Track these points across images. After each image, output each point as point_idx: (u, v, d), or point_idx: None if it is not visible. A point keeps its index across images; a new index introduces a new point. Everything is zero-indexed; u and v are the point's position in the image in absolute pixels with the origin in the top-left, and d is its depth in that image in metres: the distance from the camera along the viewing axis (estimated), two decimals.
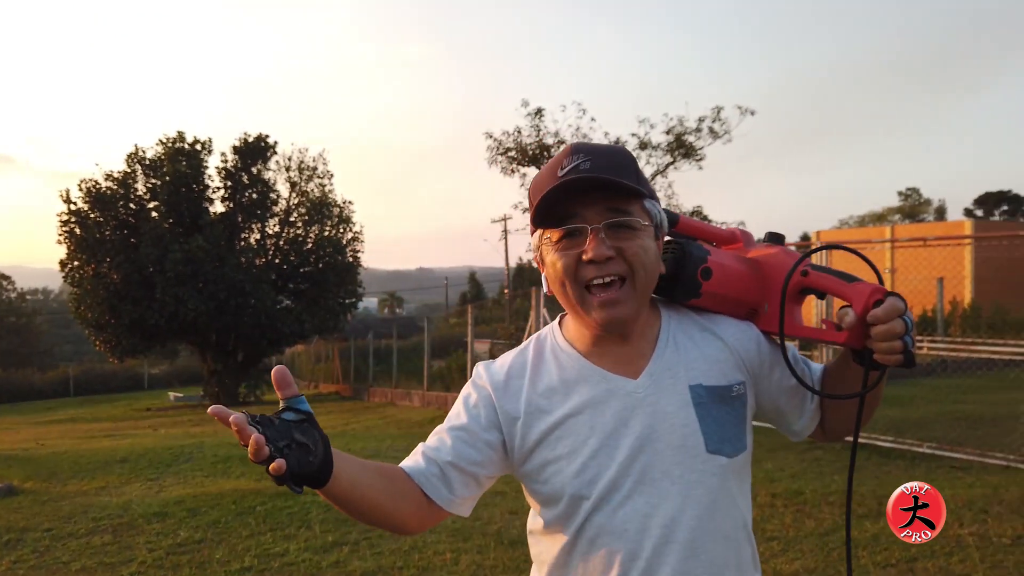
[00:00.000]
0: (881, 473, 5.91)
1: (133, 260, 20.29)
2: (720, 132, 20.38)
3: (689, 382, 1.18)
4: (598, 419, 1.16)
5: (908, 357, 1.08)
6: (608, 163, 1.13)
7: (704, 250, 1.22)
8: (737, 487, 1.20)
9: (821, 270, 1.18)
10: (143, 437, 12.34)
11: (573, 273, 1.14)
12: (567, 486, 1.16)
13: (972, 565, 3.75)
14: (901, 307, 1.07)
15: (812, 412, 1.28)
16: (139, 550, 4.88)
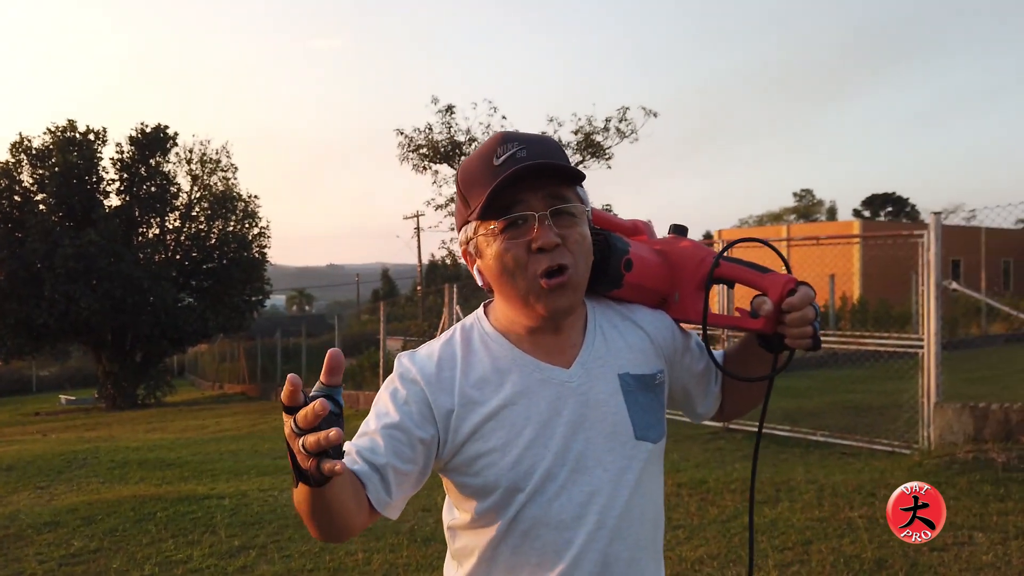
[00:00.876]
0: (778, 461, 6.19)
1: (18, 255, 19.09)
2: (626, 132, 20.83)
3: (618, 371, 1.20)
4: (532, 409, 1.16)
5: (816, 340, 1.16)
6: (543, 150, 1.13)
7: (625, 242, 1.24)
8: (657, 471, 1.25)
9: (733, 261, 1.25)
10: (31, 443, 11.62)
11: (524, 263, 1.12)
12: (502, 478, 1.14)
13: (862, 546, 3.98)
14: (812, 295, 1.15)
15: (716, 394, 1.34)
16: (28, 562, 4.60)
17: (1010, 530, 4.12)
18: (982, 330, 16.93)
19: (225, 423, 13.21)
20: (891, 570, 3.64)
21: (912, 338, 6.80)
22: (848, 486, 5.15)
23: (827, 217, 54.13)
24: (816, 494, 5.00)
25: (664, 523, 1.28)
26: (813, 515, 4.56)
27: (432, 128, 20.85)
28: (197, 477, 7.24)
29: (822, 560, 3.82)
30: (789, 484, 5.28)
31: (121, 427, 14.02)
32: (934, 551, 3.87)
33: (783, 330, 1.17)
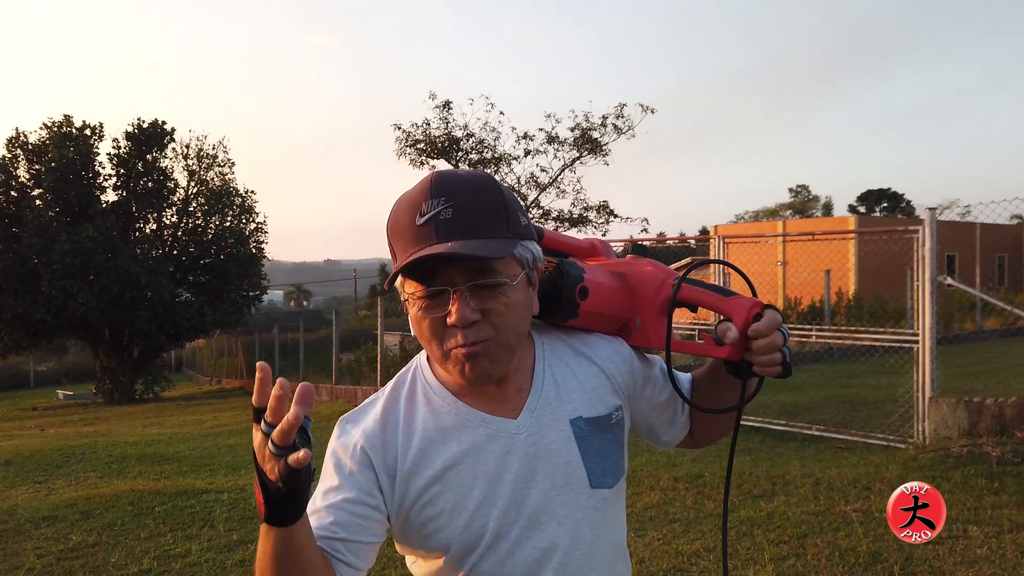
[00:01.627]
0: (775, 455, 6.23)
1: (15, 251, 19.02)
2: (624, 128, 20.84)
3: (569, 416, 1.13)
4: (480, 467, 1.09)
5: (786, 368, 1.09)
6: (472, 208, 1.02)
7: (579, 268, 1.17)
8: (616, 512, 1.19)
9: (696, 284, 1.17)
10: (29, 438, 11.63)
11: (440, 336, 1.05)
12: (453, 542, 1.10)
13: (857, 539, 4.01)
14: (779, 319, 1.08)
15: (683, 423, 1.28)
16: (27, 556, 4.62)
17: (1004, 523, 4.16)
18: (977, 325, 16.99)
19: (223, 418, 13.21)
20: (886, 564, 3.67)
21: (907, 333, 6.83)
22: (843, 480, 5.18)
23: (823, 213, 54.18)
24: (812, 488, 5.03)
25: (626, 556, 1.23)
26: (809, 509, 4.59)
27: (430, 123, 20.84)
28: (195, 472, 7.25)
29: (817, 554, 3.85)
30: (785, 478, 5.31)
31: (119, 422, 14.02)
32: (929, 545, 3.89)
33: (751, 357, 1.10)
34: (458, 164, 21.40)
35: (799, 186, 59.97)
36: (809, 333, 9.14)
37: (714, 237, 8.12)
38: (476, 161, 21.29)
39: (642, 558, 3.92)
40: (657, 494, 5.02)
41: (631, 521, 4.55)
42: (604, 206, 22.21)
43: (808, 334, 9.15)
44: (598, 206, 22.15)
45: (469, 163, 21.39)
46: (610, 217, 22.14)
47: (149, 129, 21.63)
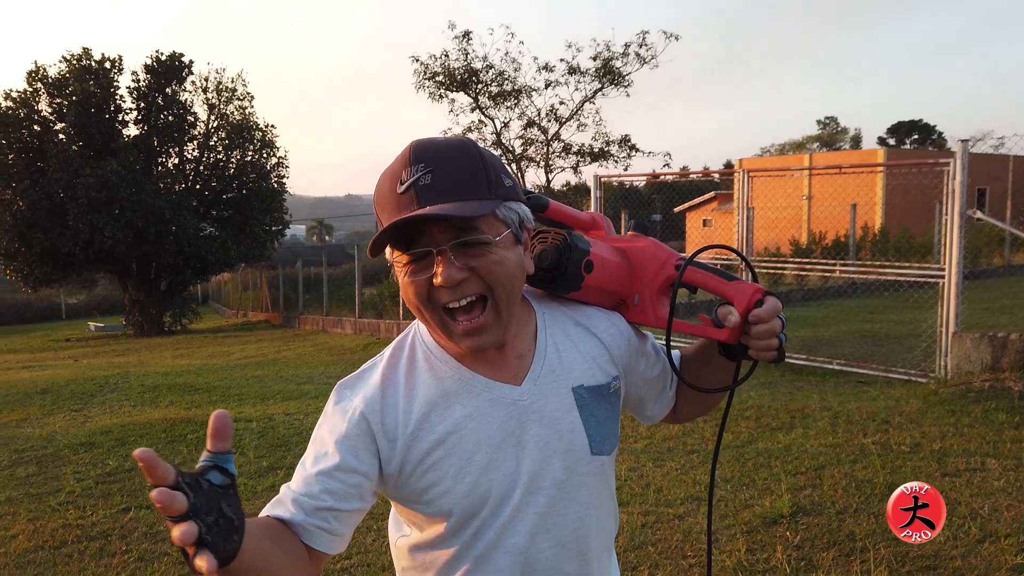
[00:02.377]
0: (794, 388, 6.26)
1: (41, 185, 19.22)
2: (647, 58, 20.36)
3: (572, 384, 1.15)
4: (483, 432, 1.09)
5: (781, 353, 1.11)
6: (451, 172, 1.02)
7: (586, 242, 1.18)
8: (612, 474, 1.22)
9: (698, 266, 1.17)
10: (64, 368, 11.98)
11: (427, 299, 1.05)
12: (456, 507, 1.09)
13: (874, 471, 4.06)
14: (779, 306, 1.10)
15: (670, 398, 1.30)
16: (67, 480, 4.82)
17: (1023, 457, 4.18)
18: (1005, 260, 16.72)
19: (250, 350, 13.48)
20: None
21: (933, 268, 6.75)
22: (863, 413, 5.22)
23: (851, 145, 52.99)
24: (830, 421, 5.08)
25: (615, 515, 1.25)
26: (827, 441, 4.64)
27: (448, 55, 20.49)
28: (224, 401, 7.46)
29: (834, 484, 3.91)
30: (804, 411, 5.36)
31: (149, 353, 14.37)
32: (946, 476, 3.94)
33: (747, 341, 1.12)
34: (477, 97, 21.07)
35: (827, 118, 58.67)
36: (833, 268, 9.06)
37: (738, 171, 7.99)
38: (495, 94, 20.95)
39: (660, 487, 4.01)
40: (676, 426, 5.09)
41: (650, 452, 4.63)
42: (626, 140, 21.88)
43: (832, 269, 9.08)
44: (620, 140, 21.82)
45: (488, 96, 21.05)
46: (632, 151, 21.83)
47: (167, 62, 21.48)
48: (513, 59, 20.95)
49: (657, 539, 3.41)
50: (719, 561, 3.17)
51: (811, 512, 3.59)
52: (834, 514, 3.55)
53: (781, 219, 12.73)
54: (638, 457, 4.53)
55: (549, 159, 21.90)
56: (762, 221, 10.88)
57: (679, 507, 3.74)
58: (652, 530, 3.50)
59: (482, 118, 21.51)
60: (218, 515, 0.83)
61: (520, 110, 21.38)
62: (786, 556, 3.16)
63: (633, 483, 4.10)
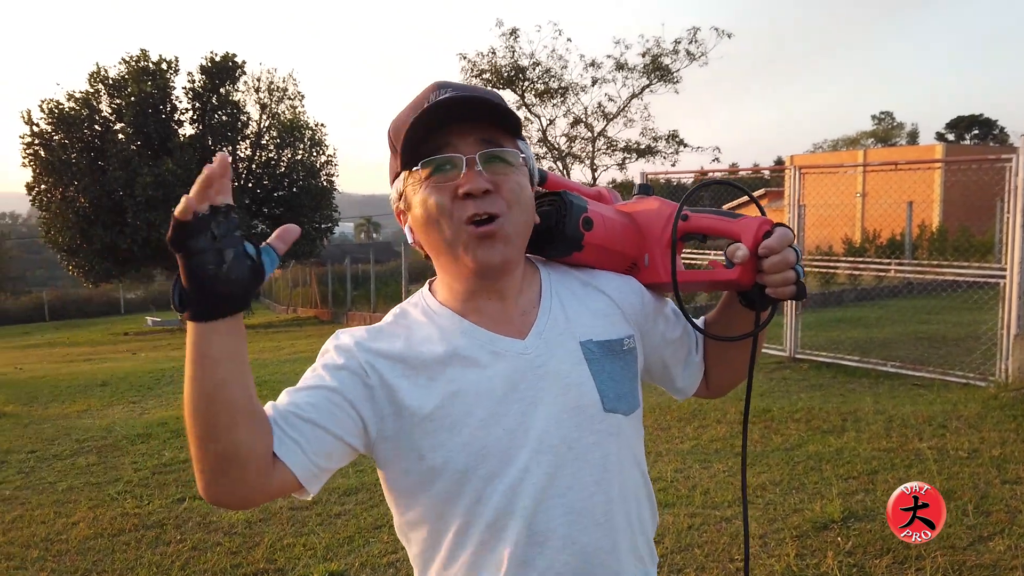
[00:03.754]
0: (846, 391, 6.12)
1: (101, 183, 19.87)
2: (696, 54, 20.10)
3: (579, 338, 1.08)
4: (485, 385, 1.03)
5: (800, 288, 1.05)
6: (480, 94, 1.03)
7: (583, 199, 1.14)
8: (636, 443, 1.13)
9: (701, 211, 1.13)
10: (122, 361, 12.36)
11: (449, 210, 1.00)
12: (451, 460, 1.01)
13: (930, 476, 3.95)
14: (791, 236, 1.05)
15: (698, 364, 1.23)
16: (124, 470, 4.97)
17: None
18: None
19: (300, 345, 13.72)
20: (959, 502, 3.61)
21: (994, 268, 6.53)
22: (918, 417, 5.08)
23: (908, 141, 51.55)
24: (884, 425, 4.95)
25: (649, 498, 1.15)
26: (880, 445, 4.52)
27: (496, 52, 20.52)
28: (275, 396, 7.54)
29: (888, 490, 3.80)
30: (856, 414, 5.23)
31: None
32: (1006, 484, 3.81)
33: (762, 279, 1.06)
34: (523, 94, 21.07)
35: (883, 113, 57.14)
36: (888, 267, 8.83)
37: (789, 167, 7.84)
38: (542, 91, 20.92)
39: (707, 489, 3.96)
40: (724, 427, 5.02)
41: (697, 453, 4.58)
42: (674, 135, 21.63)
43: (887, 268, 8.85)
44: (668, 135, 21.59)
45: (535, 93, 21.03)
46: (680, 147, 21.58)
47: (221, 63, 21.97)
48: (560, 56, 20.87)
49: (704, 541, 3.37)
50: (767, 565, 3.12)
51: (864, 518, 3.50)
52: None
53: (833, 217, 12.44)
54: (684, 458, 4.48)
55: (595, 156, 21.79)
56: (813, 219, 10.66)
57: (726, 509, 3.69)
58: (699, 532, 3.46)
59: (528, 115, 21.51)
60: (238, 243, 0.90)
61: (567, 107, 21.33)
62: (837, 562, 3.09)
63: (680, 484, 4.06)
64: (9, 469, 5.17)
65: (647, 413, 5.48)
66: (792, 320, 7.39)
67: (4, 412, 7.35)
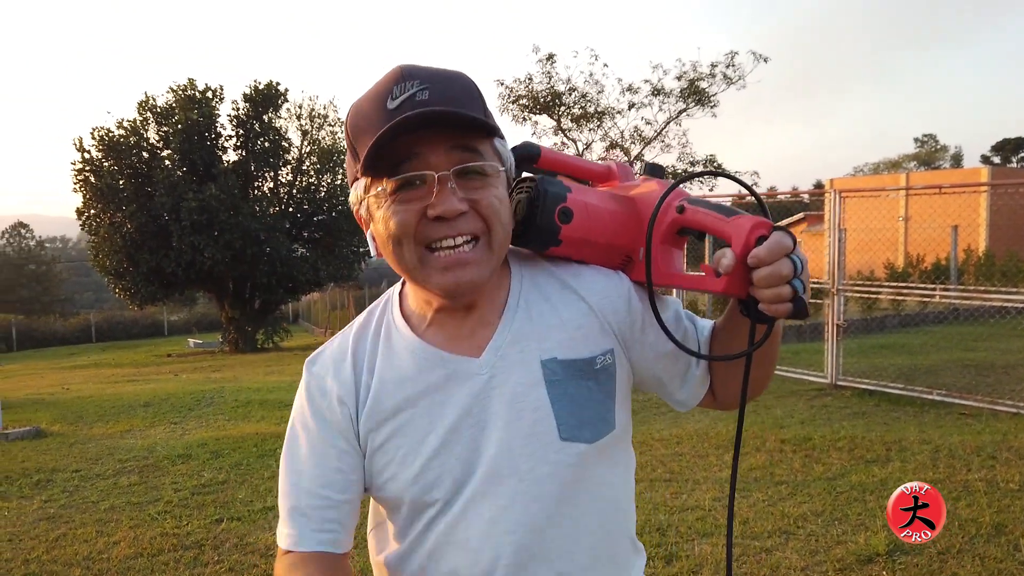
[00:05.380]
0: (890, 419, 5.97)
1: (148, 209, 20.39)
2: (733, 78, 20.03)
3: (541, 356, 0.97)
4: (436, 411, 0.97)
5: (799, 305, 0.88)
6: (449, 92, 0.90)
7: (563, 187, 1.00)
8: (606, 472, 1.01)
9: (699, 204, 0.97)
10: (165, 382, 12.59)
11: (413, 232, 0.90)
12: (404, 494, 0.98)
13: (979, 509, 3.82)
14: (788, 244, 0.87)
15: (698, 378, 1.07)
16: (165, 490, 5.04)
17: None
18: None
19: None
20: (1011, 536, 3.48)
21: None
22: (966, 448, 4.92)
23: (952, 164, 50.58)
24: (931, 455, 4.81)
25: (627, 533, 1.06)
26: (927, 476, 4.39)
27: (532, 78, 20.69)
28: None
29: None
30: (901, 444, 5.10)
31: (243, 369, 14.94)
32: None
33: (755, 292, 0.89)
34: (560, 119, 21.20)
35: (925, 135, 56.20)
36: (933, 292, 8.63)
37: (829, 191, 7.74)
38: (578, 116, 21.01)
39: (746, 519, 3.88)
40: (763, 455, 4.93)
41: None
42: (711, 160, 21.54)
43: (931, 293, 8.64)
44: (705, 160, 21.50)
45: (571, 118, 21.14)
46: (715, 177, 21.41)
47: (265, 91, 22.50)
48: (596, 81, 20.98)
49: (743, 573, 3.30)
50: None
51: (910, 551, 3.40)
52: (935, 554, 3.35)
53: (875, 241, 12.22)
54: (723, 487, 4.40)
55: None
56: (854, 243, 10.48)
57: (766, 540, 3.61)
58: (738, 563, 3.39)
59: (565, 140, 21.62)
60: None
61: (603, 131, 21.38)
62: None
63: (718, 513, 3.98)
64: (55, 488, 5.28)
65: (684, 439, 5.40)
66: (833, 346, 7.24)
67: (51, 431, 7.53)
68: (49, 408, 9.33)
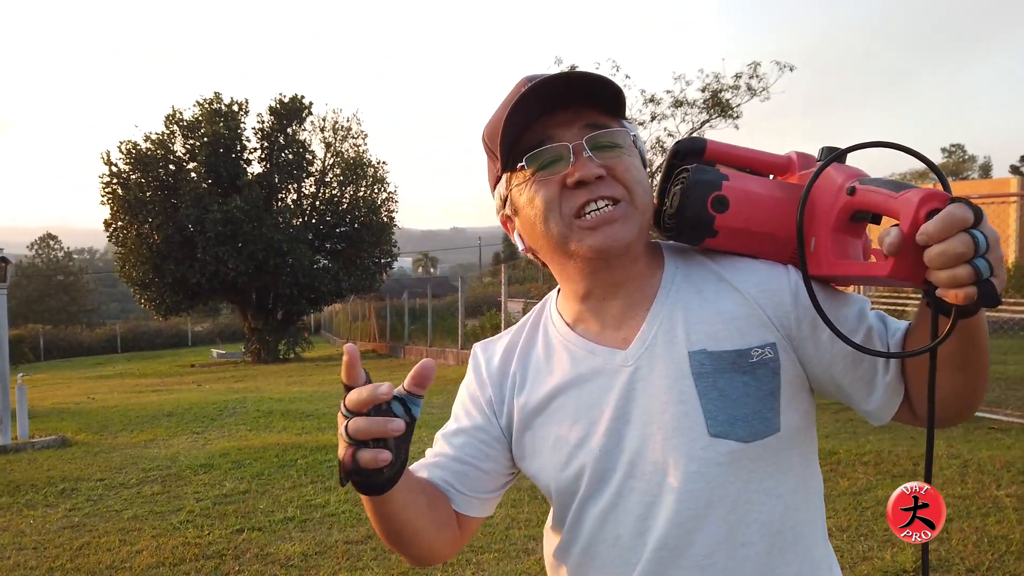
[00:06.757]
0: (917, 433, 5.86)
1: (174, 220, 20.67)
2: (758, 89, 19.91)
3: (689, 347, 0.93)
4: (582, 401, 0.97)
5: (985, 290, 0.73)
6: (581, 76, 0.93)
7: (719, 175, 0.94)
8: (770, 479, 0.92)
9: (871, 183, 0.85)
10: (188, 392, 12.70)
11: (558, 203, 0.92)
12: (552, 482, 0.99)
13: (1009, 526, 3.74)
14: (965, 217, 0.73)
15: (889, 386, 0.92)
16: (187, 499, 5.07)
17: None
18: None
19: None
20: None
21: None
22: (996, 463, 4.82)
23: (980, 175, 49.92)
24: (959, 470, 4.72)
25: (798, 557, 0.95)
26: (955, 492, 4.31)
27: None
28: (333, 428, 7.69)
29: (964, 539, 3.61)
30: None
31: (265, 379, 15.04)
32: None
33: (930, 276, 0.77)
34: None
35: (953, 145, 55.56)
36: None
37: None
38: None
39: None
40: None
41: None
42: None
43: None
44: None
45: None
46: None
47: (289, 104, 22.77)
48: None
49: None
50: None
51: (938, 568, 3.33)
52: (964, 571, 3.28)
53: None
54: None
55: None
56: None
57: None
58: None
59: None
60: (382, 444, 0.81)
61: None
62: None
63: None
64: (79, 496, 5.33)
65: None
66: None
67: (76, 440, 7.62)
68: (75, 417, 9.45)
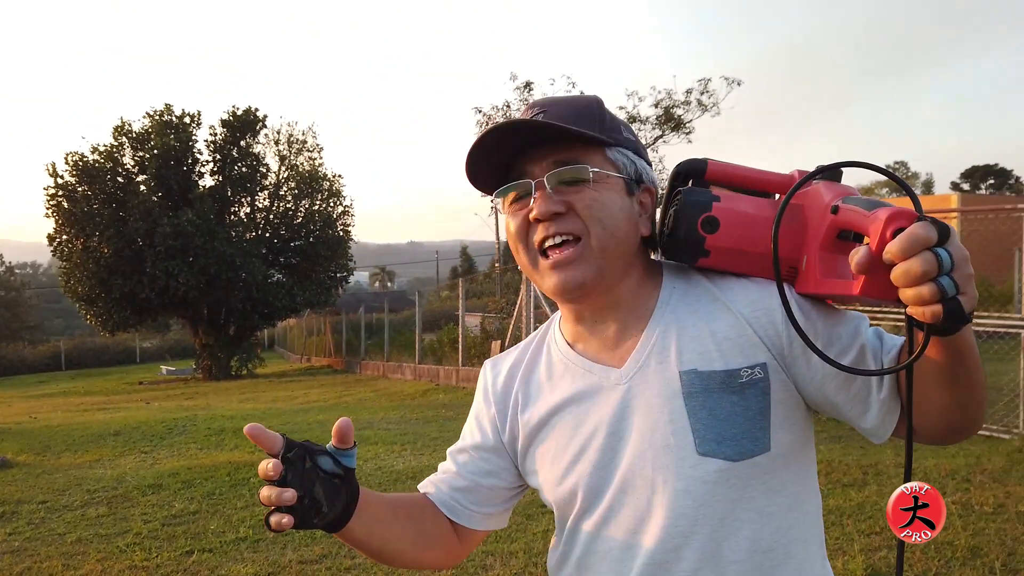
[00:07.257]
0: (866, 443, 6.00)
1: (122, 234, 20.18)
2: (708, 105, 20.33)
3: (681, 367, 0.95)
4: (580, 418, 1.02)
5: (950, 308, 0.73)
6: (564, 112, 0.98)
7: (710, 196, 0.96)
8: (761, 498, 0.94)
9: (852, 202, 0.85)
10: (136, 410, 12.37)
11: (524, 235, 1.00)
12: (550, 496, 1.06)
13: (955, 532, 3.84)
14: (928, 236, 0.72)
15: (883, 404, 0.93)
16: (134, 521, 4.92)
17: None
18: None
19: (313, 395, 13.69)
20: (986, 559, 3.50)
21: (1014, 318, 6.45)
22: (941, 471, 4.96)
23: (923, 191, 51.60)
24: None
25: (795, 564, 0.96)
26: None
27: (510, 105, 20.84)
28: None
29: (912, 547, 3.70)
30: (877, 467, 5.12)
31: (217, 396, 14.72)
32: None
33: (900, 294, 0.77)
34: None
35: (897, 163, 57.32)
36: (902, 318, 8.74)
37: None
38: None
39: None
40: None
41: None
42: None
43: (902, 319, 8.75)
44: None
45: None
46: None
47: (243, 116, 22.47)
48: None
49: None
50: None
51: (887, 574, 3.40)
52: None
53: None
54: None
55: None
56: None
57: None
58: None
59: None
60: (306, 495, 0.92)
61: None
62: None
63: None
64: (19, 520, 5.13)
65: None
66: None
67: (17, 462, 7.34)
68: (15, 438, 9.11)
